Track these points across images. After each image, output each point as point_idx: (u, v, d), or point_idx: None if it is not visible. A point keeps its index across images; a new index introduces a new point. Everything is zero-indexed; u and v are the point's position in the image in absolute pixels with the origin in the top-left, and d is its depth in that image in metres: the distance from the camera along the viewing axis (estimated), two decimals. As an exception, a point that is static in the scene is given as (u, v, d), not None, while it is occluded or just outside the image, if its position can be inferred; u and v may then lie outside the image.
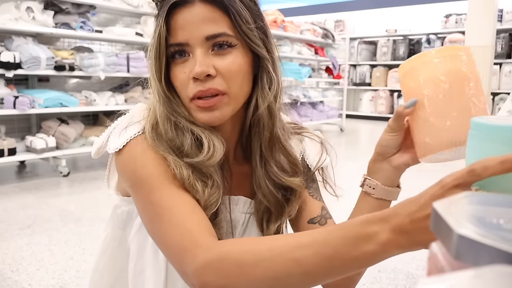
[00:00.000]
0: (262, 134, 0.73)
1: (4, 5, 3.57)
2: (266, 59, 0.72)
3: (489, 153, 0.44)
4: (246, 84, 0.72)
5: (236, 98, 0.70)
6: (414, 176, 1.47)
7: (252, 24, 0.69)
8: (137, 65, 4.33)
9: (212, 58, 0.67)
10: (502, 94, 7.59)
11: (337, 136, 7.04)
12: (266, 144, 0.74)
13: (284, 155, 0.76)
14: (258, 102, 0.72)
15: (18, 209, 2.99)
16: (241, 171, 0.79)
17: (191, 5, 0.67)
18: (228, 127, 0.76)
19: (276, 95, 0.74)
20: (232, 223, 0.78)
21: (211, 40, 0.67)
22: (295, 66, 6.47)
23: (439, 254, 0.29)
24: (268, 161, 0.74)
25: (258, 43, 0.70)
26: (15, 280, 1.99)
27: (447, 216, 0.28)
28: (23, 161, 4.26)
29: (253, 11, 0.71)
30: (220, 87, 0.67)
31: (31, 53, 3.53)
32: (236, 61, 0.68)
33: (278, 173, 0.74)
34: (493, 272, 0.22)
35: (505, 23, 7.68)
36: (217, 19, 0.67)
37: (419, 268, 2.22)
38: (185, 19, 0.67)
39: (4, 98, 3.56)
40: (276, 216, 0.76)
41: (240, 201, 0.79)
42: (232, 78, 0.68)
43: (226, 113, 0.69)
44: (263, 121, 0.73)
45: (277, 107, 0.74)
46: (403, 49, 9.01)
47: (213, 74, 0.67)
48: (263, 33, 0.72)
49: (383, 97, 9.16)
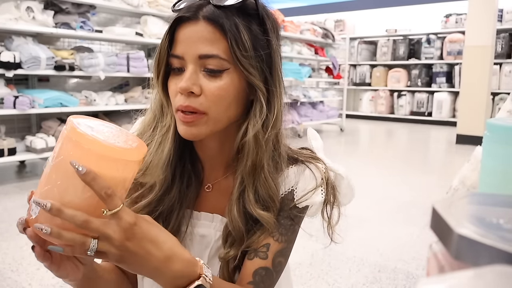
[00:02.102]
0: (246, 161, 0.72)
1: (4, 5, 3.57)
2: (259, 89, 0.71)
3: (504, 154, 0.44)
4: (234, 109, 0.72)
5: (216, 120, 0.70)
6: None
7: (251, 52, 0.69)
8: (137, 65, 4.33)
9: (201, 77, 0.69)
10: (502, 94, 7.59)
11: (337, 136, 7.04)
12: (247, 171, 0.73)
13: (264, 187, 0.73)
14: (248, 128, 0.72)
15: (18, 209, 2.99)
16: (226, 189, 0.78)
17: (195, 22, 0.69)
18: (215, 145, 0.77)
19: (267, 126, 0.72)
20: (204, 239, 0.78)
21: (203, 59, 0.68)
22: (295, 66, 6.48)
23: (439, 254, 0.29)
24: (247, 188, 0.73)
25: (252, 71, 0.69)
26: (15, 280, 1.99)
27: (447, 216, 0.28)
28: (23, 161, 4.26)
29: (257, 40, 0.70)
30: (199, 107, 0.68)
31: (31, 53, 3.53)
32: (224, 86, 0.69)
33: (252, 203, 0.72)
34: (493, 272, 0.22)
35: (505, 23, 7.68)
36: (214, 41, 0.68)
37: (419, 268, 2.22)
38: (186, 34, 0.69)
39: (4, 98, 3.56)
40: (236, 245, 0.74)
41: (215, 218, 0.79)
42: (215, 102, 0.68)
43: (203, 131, 0.70)
44: (249, 148, 0.72)
45: (266, 138, 0.72)
46: (403, 49, 9.02)
47: (197, 92, 0.68)
48: (263, 63, 0.71)
49: (383, 97, 9.16)
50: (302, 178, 0.77)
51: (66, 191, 0.55)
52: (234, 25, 0.68)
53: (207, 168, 0.80)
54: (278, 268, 0.75)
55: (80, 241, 0.54)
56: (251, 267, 0.73)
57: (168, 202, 0.76)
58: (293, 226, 0.77)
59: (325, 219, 0.78)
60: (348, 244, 2.48)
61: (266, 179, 0.73)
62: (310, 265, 2.24)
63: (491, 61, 6.17)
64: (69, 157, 0.54)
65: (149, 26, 4.45)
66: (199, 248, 0.79)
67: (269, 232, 0.74)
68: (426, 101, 8.66)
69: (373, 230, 2.80)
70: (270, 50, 0.72)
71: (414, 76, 8.83)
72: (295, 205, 0.76)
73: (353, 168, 4.53)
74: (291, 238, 0.77)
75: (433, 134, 7.61)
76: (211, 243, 0.78)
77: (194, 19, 0.68)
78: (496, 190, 0.45)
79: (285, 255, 0.76)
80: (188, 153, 0.79)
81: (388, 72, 9.21)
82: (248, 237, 0.74)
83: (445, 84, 8.45)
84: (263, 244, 0.74)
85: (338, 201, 0.79)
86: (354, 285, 2.05)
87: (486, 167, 0.51)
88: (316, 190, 0.76)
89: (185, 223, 0.78)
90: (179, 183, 0.77)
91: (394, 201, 3.42)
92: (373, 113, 9.39)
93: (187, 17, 0.69)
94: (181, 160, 0.77)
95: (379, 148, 6.50)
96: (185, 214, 0.78)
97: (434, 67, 8.63)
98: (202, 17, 0.68)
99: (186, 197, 0.78)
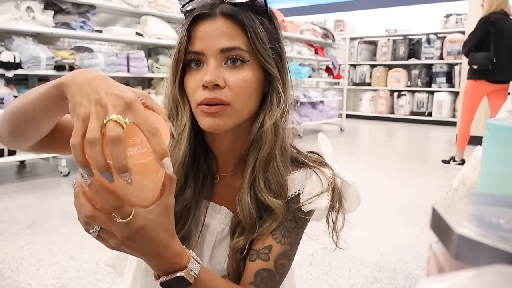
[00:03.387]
0: (262, 149, 0.74)
1: (4, 5, 3.57)
2: (276, 78, 0.75)
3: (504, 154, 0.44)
4: (253, 101, 0.75)
5: (239, 112, 0.73)
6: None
7: (268, 44, 0.73)
8: (137, 65, 4.33)
9: (223, 71, 0.71)
10: (502, 94, 7.59)
11: (337, 136, 7.05)
12: (262, 159, 0.74)
13: (275, 175, 0.75)
14: (265, 119, 0.75)
15: (18, 209, 2.99)
16: (234, 184, 0.80)
17: (213, 18, 0.72)
18: (229, 140, 0.78)
19: (283, 114, 0.76)
20: (208, 228, 0.79)
21: (225, 53, 0.71)
22: (295, 66, 6.47)
23: (439, 254, 0.29)
24: (258, 176, 0.75)
25: (271, 62, 0.74)
26: (15, 280, 1.99)
27: (447, 216, 0.28)
28: (23, 161, 4.27)
29: (271, 33, 0.75)
30: (225, 98, 0.70)
31: (31, 53, 3.53)
32: (246, 78, 0.72)
33: (263, 190, 0.74)
34: (493, 272, 0.22)
35: (505, 23, 7.68)
36: (234, 35, 0.71)
37: (419, 268, 2.22)
38: (205, 30, 0.71)
39: (4, 98, 3.56)
40: (246, 233, 0.75)
41: (222, 211, 0.80)
42: (239, 93, 0.71)
43: (228, 122, 0.72)
44: (267, 136, 0.74)
45: (282, 126, 0.76)
46: (403, 49, 9.02)
47: (222, 85, 0.70)
48: (277, 55, 0.76)
49: (383, 97, 9.16)
50: (309, 182, 0.78)
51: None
52: (251, 19, 0.72)
53: (220, 162, 0.82)
54: (281, 270, 0.75)
55: (90, 216, 0.54)
56: (253, 268, 0.74)
57: (182, 202, 0.77)
58: (297, 229, 0.78)
59: (330, 224, 0.79)
60: (348, 244, 2.48)
61: (278, 168, 0.76)
62: (310, 265, 2.24)
63: (491, 61, 6.17)
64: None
65: (149, 26, 4.46)
66: (201, 237, 0.79)
67: (279, 220, 0.75)
68: (426, 101, 8.66)
69: (373, 230, 2.80)
70: (280, 44, 0.76)
71: (414, 76, 8.83)
72: (299, 208, 0.77)
73: (353, 168, 4.53)
74: (294, 241, 0.77)
75: (433, 134, 7.61)
76: (215, 234, 0.79)
77: (212, 16, 0.72)
78: (496, 190, 0.45)
79: (288, 258, 0.77)
80: (202, 152, 0.80)
81: (388, 72, 9.21)
82: (259, 225, 0.75)
83: (445, 84, 8.45)
84: (265, 246, 0.75)
85: (344, 207, 0.80)
86: (354, 285, 2.05)
87: (486, 167, 0.51)
88: (322, 195, 0.77)
89: (202, 214, 0.79)
90: (193, 183, 0.78)
91: (394, 201, 3.42)
92: (373, 113, 9.39)
93: (204, 14, 0.72)
94: (195, 159, 0.79)
95: (379, 148, 6.50)
96: (201, 206, 0.80)
97: (434, 67, 8.63)
98: (219, 13, 0.72)
99: (201, 197, 0.79)
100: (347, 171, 0.83)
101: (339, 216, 0.79)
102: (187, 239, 0.77)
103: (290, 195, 0.77)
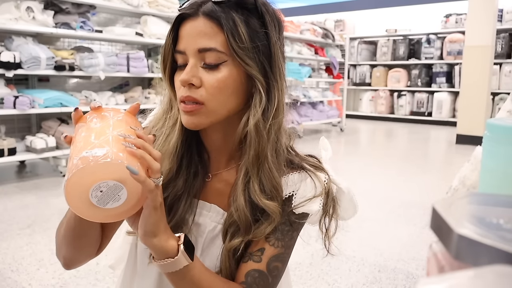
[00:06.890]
0: (249, 149, 0.74)
1: (4, 5, 3.57)
2: (258, 80, 0.73)
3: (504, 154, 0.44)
4: (233, 101, 0.74)
5: (214, 112, 0.73)
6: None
7: (247, 44, 0.71)
8: (137, 65, 4.33)
9: (201, 71, 0.72)
10: (502, 94, 7.59)
11: (337, 136, 7.04)
12: (251, 162, 0.74)
13: (268, 177, 0.75)
14: (249, 118, 0.74)
15: (18, 209, 2.99)
16: (228, 181, 0.80)
17: (195, 18, 0.72)
18: (219, 136, 0.79)
19: (267, 116, 0.74)
20: (200, 227, 0.80)
21: (202, 53, 0.71)
22: (295, 66, 6.47)
23: (439, 254, 0.29)
24: (251, 178, 0.75)
25: (249, 62, 0.72)
26: (15, 280, 2.00)
27: (447, 216, 0.28)
28: (23, 161, 4.26)
29: (255, 32, 0.73)
30: (199, 98, 0.71)
31: (31, 53, 3.53)
32: (222, 78, 0.71)
33: (257, 193, 0.74)
34: (493, 272, 0.22)
35: (505, 23, 7.68)
36: (212, 35, 0.71)
37: (419, 268, 2.22)
38: (187, 30, 0.73)
39: (4, 98, 3.56)
40: (241, 233, 0.75)
41: (213, 209, 0.80)
42: (214, 94, 0.71)
43: (203, 121, 0.73)
44: (250, 137, 0.74)
45: (268, 128, 0.74)
46: (403, 49, 9.02)
47: (197, 84, 0.71)
48: (264, 56, 0.73)
49: (383, 97, 9.16)
50: (303, 185, 0.78)
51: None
52: (231, 19, 0.71)
53: (213, 159, 0.82)
54: (274, 272, 0.75)
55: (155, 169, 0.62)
56: (244, 269, 0.75)
57: (173, 190, 0.78)
58: (291, 232, 0.77)
59: (321, 230, 0.78)
60: (348, 244, 2.49)
61: (270, 170, 0.75)
62: (310, 265, 2.24)
63: (491, 61, 6.17)
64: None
65: (149, 26, 4.45)
66: (193, 236, 0.80)
67: (275, 222, 0.75)
68: (426, 101, 8.66)
69: (373, 230, 2.80)
70: (268, 42, 0.74)
71: (414, 76, 8.83)
72: (292, 211, 0.77)
73: (353, 168, 4.53)
74: (288, 244, 0.77)
75: (433, 134, 7.61)
76: (205, 233, 0.79)
77: (194, 15, 0.72)
78: (496, 190, 0.45)
79: (282, 260, 0.76)
80: (196, 145, 0.81)
81: (388, 72, 9.21)
82: (255, 227, 0.75)
83: (445, 84, 8.45)
84: (258, 248, 0.75)
85: (337, 213, 0.79)
86: (354, 285, 2.05)
87: (486, 167, 0.51)
88: (314, 199, 0.76)
89: (192, 213, 0.80)
90: (186, 173, 0.79)
91: (394, 201, 3.42)
92: (373, 113, 9.39)
93: (188, 14, 0.73)
94: (188, 151, 0.80)
95: (379, 148, 6.50)
96: (192, 203, 0.80)
97: (434, 67, 8.63)
98: (201, 13, 0.72)
99: (193, 187, 0.80)
100: (343, 178, 0.82)
101: (332, 222, 0.78)
102: (180, 227, 0.78)
103: (284, 196, 0.77)
